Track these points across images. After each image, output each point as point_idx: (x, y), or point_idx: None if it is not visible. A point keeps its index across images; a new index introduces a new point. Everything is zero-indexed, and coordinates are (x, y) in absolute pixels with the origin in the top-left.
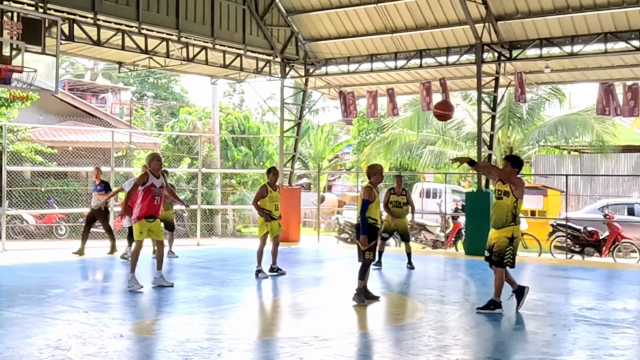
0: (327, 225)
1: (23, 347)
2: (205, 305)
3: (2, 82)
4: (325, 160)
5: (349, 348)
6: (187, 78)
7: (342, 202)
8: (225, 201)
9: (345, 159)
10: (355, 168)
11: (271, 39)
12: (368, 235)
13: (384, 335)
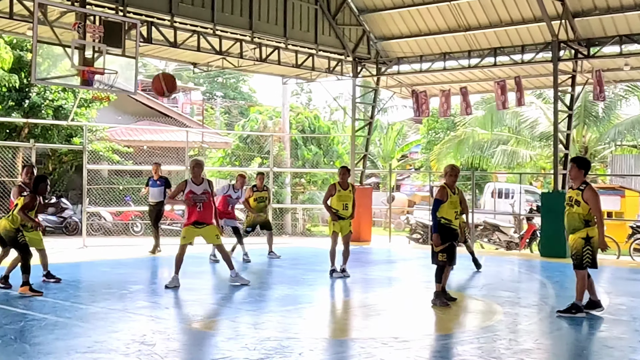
0: (396, 225)
1: (110, 342)
2: (282, 304)
3: (85, 83)
4: (394, 160)
5: (429, 350)
6: (255, 78)
7: (412, 201)
8: (295, 200)
9: (414, 159)
10: (425, 167)
11: (343, 39)
12: (442, 236)
13: (463, 338)
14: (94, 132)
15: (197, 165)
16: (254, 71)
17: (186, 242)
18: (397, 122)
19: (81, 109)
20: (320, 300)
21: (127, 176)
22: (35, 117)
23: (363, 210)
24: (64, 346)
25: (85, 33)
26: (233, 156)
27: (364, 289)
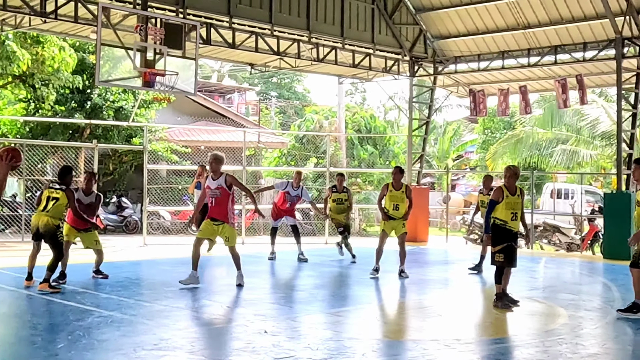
0: (452, 225)
1: (175, 339)
2: (342, 304)
3: (147, 85)
4: (450, 160)
5: (492, 353)
6: (309, 77)
7: (468, 201)
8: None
9: (469, 158)
10: (480, 167)
11: (400, 38)
12: (498, 237)
13: (528, 341)
14: (153, 132)
15: (214, 160)
16: (310, 71)
17: (201, 235)
18: (453, 122)
19: (141, 110)
20: (378, 300)
21: (185, 176)
22: (96, 118)
23: (419, 210)
24: (131, 343)
25: (146, 35)
26: (289, 156)
27: (421, 290)
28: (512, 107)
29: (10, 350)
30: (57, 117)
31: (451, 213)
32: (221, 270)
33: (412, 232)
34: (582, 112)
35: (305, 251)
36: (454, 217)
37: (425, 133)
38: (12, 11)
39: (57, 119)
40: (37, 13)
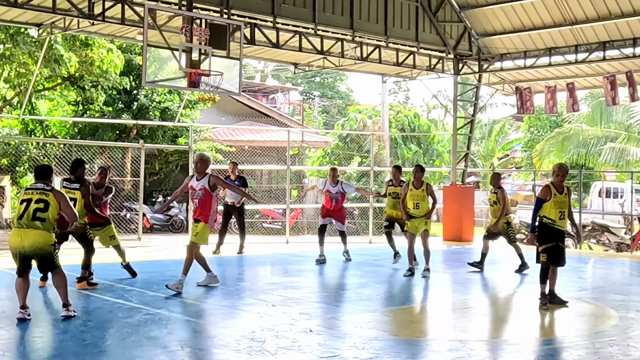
0: None
1: (221, 338)
2: (386, 303)
3: (192, 85)
4: (495, 158)
5: (541, 354)
6: (353, 76)
7: (514, 201)
8: None
9: (515, 157)
10: (526, 165)
11: (444, 36)
12: (544, 236)
13: (577, 342)
14: (198, 132)
15: (200, 161)
16: (354, 70)
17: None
18: (498, 120)
19: (186, 110)
20: (423, 300)
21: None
22: (143, 118)
23: (465, 210)
24: (178, 340)
25: (191, 36)
26: (333, 155)
27: (467, 290)
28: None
29: (61, 346)
30: (105, 118)
31: None
32: (266, 269)
33: (457, 232)
34: (632, 108)
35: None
36: None
37: (470, 131)
38: (61, 14)
39: (104, 120)
40: (85, 15)
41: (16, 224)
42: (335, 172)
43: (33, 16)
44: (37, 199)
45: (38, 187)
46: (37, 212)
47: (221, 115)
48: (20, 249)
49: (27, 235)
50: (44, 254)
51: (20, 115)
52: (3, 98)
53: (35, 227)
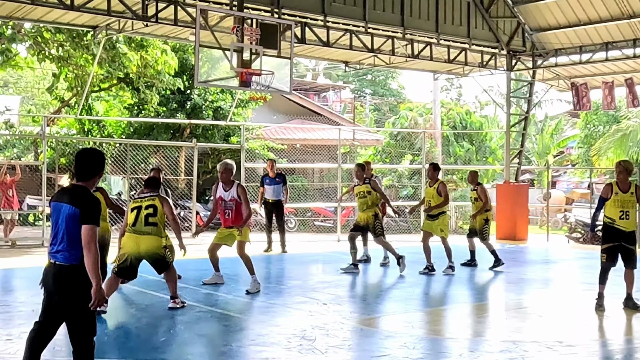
0: (553, 223)
1: (272, 335)
2: (436, 303)
3: (243, 84)
4: (550, 155)
5: (598, 356)
6: (404, 74)
7: (570, 199)
8: None
9: (571, 154)
10: (582, 163)
11: (496, 31)
12: (605, 236)
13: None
14: (250, 131)
15: (225, 170)
16: (405, 68)
17: (217, 241)
18: (554, 116)
19: (238, 109)
20: (474, 299)
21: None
22: (196, 117)
23: (519, 208)
24: (229, 338)
25: (243, 36)
26: (384, 153)
27: (520, 290)
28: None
29: (117, 342)
30: (159, 118)
31: (552, 211)
32: (317, 268)
33: (510, 230)
34: None
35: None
36: (554, 215)
37: (524, 128)
38: (116, 16)
39: (159, 120)
40: (139, 17)
41: (130, 230)
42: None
43: (89, 19)
44: (146, 205)
45: (143, 196)
46: (149, 217)
47: (273, 113)
48: (135, 254)
49: (142, 241)
50: (157, 257)
51: (78, 116)
52: (61, 99)
53: (148, 232)
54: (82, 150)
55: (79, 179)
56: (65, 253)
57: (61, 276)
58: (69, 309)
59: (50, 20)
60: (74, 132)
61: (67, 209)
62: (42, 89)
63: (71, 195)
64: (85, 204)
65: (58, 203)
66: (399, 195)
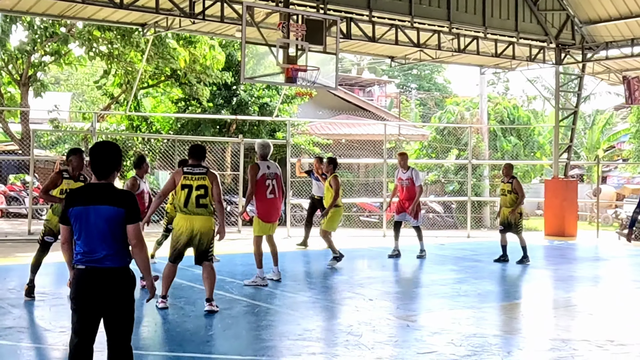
0: (603, 219)
1: (318, 331)
2: (484, 300)
3: (289, 80)
4: (601, 150)
5: None
6: (450, 68)
7: (620, 194)
8: (494, 193)
9: (622, 149)
10: (634, 158)
11: (545, 24)
12: None
13: None
14: (295, 126)
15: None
16: (451, 62)
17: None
18: (604, 111)
19: (284, 105)
20: (523, 297)
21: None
22: (242, 113)
23: (568, 204)
24: (276, 332)
25: (288, 32)
26: (430, 148)
27: (570, 287)
28: None
29: (166, 335)
30: (206, 114)
31: (602, 207)
32: (363, 263)
33: (559, 227)
34: None
35: (447, 244)
36: (605, 211)
37: (573, 123)
38: (163, 14)
39: (205, 115)
40: (186, 14)
41: (181, 210)
42: (405, 157)
43: (137, 17)
44: (197, 186)
45: (195, 171)
46: (200, 199)
47: (318, 109)
48: (189, 230)
49: (196, 220)
50: (207, 240)
51: (127, 112)
52: (111, 95)
53: (200, 213)
54: (98, 145)
55: (100, 176)
56: (114, 257)
57: (114, 280)
58: (119, 314)
59: (100, 18)
60: (123, 128)
61: (108, 210)
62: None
63: (107, 195)
64: (129, 203)
65: (87, 207)
66: (445, 190)
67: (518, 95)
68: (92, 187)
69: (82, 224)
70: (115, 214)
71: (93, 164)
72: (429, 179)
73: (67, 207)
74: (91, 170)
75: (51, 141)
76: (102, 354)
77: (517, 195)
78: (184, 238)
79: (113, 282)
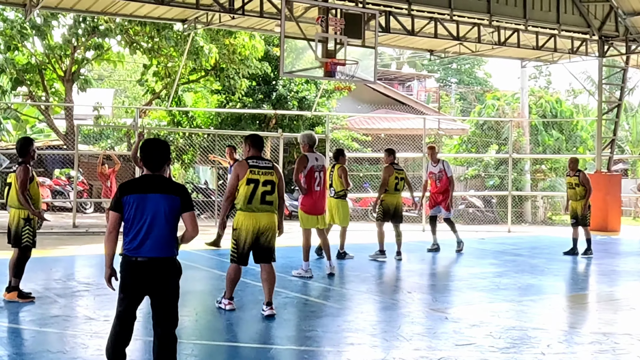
0: None
1: (357, 322)
2: (525, 293)
3: (328, 75)
4: None
5: None
6: (490, 62)
7: None
8: (535, 188)
9: None
10: None
11: (587, 16)
12: None
13: None
14: (334, 121)
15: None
16: (491, 55)
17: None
18: None
19: (322, 100)
20: (564, 290)
21: (366, 163)
22: (281, 108)
23: (611, 198)
24: (315, 323)
25: (327, 26)
26: (469, 143)
27: (613, 282)
28: None
29: (207, 324)
30: (246, 109)
31: None
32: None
33: (602, 221)
34: None
35: (487, 239)
36: None
37: (617, 116)
38: (204, 9)
39: (245, 110)
40: (225, 10)
41: (245, 207)
42: (434, 150)
43: (178, 12)
44: (264, 181)
45: (262, 165)
46: (266, 195)
47: (357, 103)
48: (255, 228)
49: (261, 218)
50: (273, 237)
51: (168, 107)
52: (152, 91)
53: (266, 210)
54: (151, 141)
55: (154, 169)
56: (168, 246)
57: (168, 269)
58: (166, 299)
59: (142, 14)
60: (164, 123)
61: (166, 199)
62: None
63: (164, 185)
64: (183, 192)
65: (146, 195)
66: (485, 185)
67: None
68: (150, 177)
69: (139, 211)
70: (172, 203)
71: (147, 158)
72: (469, 174)
73: (122, 195)
74: (143, 165)
75: (95, 136)
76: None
77: (584, 188)
78: (249, 238)
79: (167, 271)
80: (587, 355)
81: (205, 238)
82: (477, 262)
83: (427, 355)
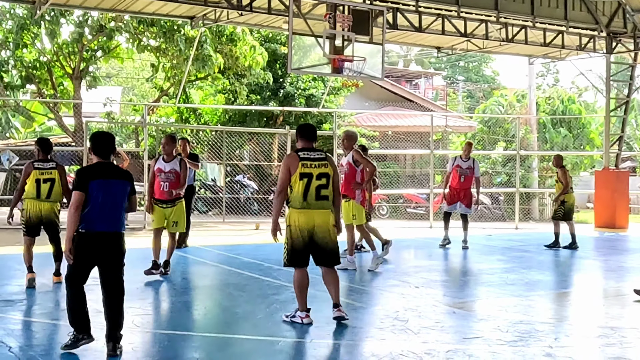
0: None
1: (365, 316)
2: (533, 289)
3: (336, 71)
4: None
5: None
6: (498, 59)
7: None
8: (543, 185)
9: None
10: None
11: (595, 13)
12: None
13: None
14: (342, 118)
15: (346, 137)
16: (499, 52)
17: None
18: None
19: (330, 97)
20: (572, 286)
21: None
22: (289, 105)
23: (619, 195)
24: (323, 317)
25: (335, 23)
26: (476, 140)
27: (620, 277)
28: None
29: (216, 319)
30: (253, 106)
31: None
32: (409, 253)
33: (609, 218)
34: None
35: (494, 235)
36: None
37: (625, 113)
38: (212, 6)
39: (252, 107)
40: (233, 7)
41: (299, 205)
42: (471, 147)
43: (186, 9)
44: (318, 174)
45: (314, 157)
46: (321, 189)
47: (364, 100)
48: (310, 227)
49: (317, 215)
50: (334, 237)
51: (176, 104)
52: (160, 88)
53: (322, 207)
54: (100, 133)
55: (105, 157)
56: (122, 222)
57: (120, 241)
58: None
59: (150, 12)
60: (172, 121)
61: (122, 184)
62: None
63: (118, 172)
64: (131, 179)
65: (108, 180)
66: (493, 182)
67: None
68: (106, 165)
69: (102, 193)
70: (125, 187)
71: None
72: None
73: (88, 178)
74: (94, 154)
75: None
76: None
77: (562, 185)
78: (303, 238)
79: (120, 243)
80: (594, 348)
81: (212, 235)
82: (484, 258)
83: (435, 349)
